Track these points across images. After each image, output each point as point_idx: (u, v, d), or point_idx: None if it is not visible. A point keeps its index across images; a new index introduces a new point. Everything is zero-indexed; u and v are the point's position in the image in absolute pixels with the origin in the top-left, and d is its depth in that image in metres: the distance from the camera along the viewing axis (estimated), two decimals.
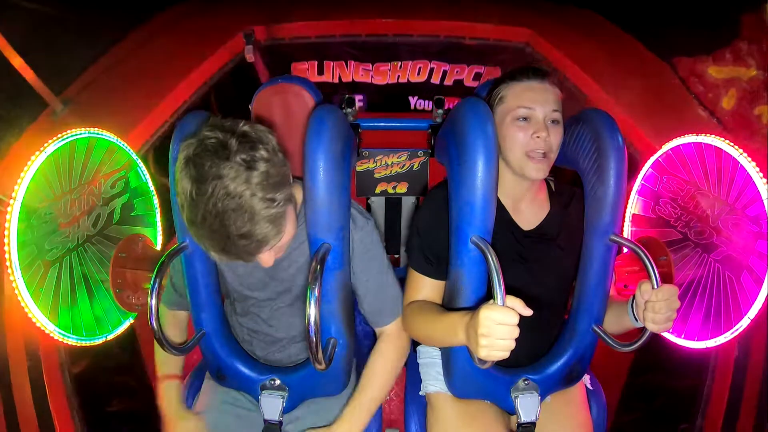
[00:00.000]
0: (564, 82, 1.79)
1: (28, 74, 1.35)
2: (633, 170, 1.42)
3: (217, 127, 0.78)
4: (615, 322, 1.06)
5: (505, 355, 0.78)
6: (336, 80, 2.33)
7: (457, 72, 2.32)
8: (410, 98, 2.45)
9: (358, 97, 2.35)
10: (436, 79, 2.34)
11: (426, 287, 1.06)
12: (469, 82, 2.35)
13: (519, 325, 0.77)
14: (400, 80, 2.35)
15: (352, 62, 2.30)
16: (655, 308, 0.90)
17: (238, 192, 0.75)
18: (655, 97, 1.60)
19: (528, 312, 0.78)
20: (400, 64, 2.30)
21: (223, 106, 2.00)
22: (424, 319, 1.00)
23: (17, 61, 1.31)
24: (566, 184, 1.18)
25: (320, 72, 2.31)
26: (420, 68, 2.33)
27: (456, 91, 2.33)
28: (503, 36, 2.24)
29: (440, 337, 0.97)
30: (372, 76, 2.33)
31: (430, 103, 2.31)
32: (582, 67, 1.76)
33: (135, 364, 1.57)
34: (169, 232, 1.53)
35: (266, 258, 0.88)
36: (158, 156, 1.63)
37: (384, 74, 2.33)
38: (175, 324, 1.20)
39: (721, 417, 1.27)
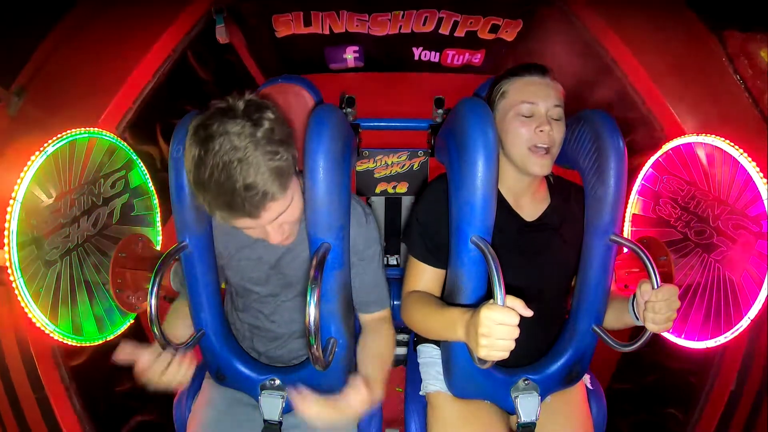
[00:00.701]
0: (593, 46, 1.51)
1: None
2: (633, 170, 1.42)
3: (225, 98, 0.84)
4: (616, 318, 1.06)
5: (505, 355, 0.78)
6: (326, 31, 1.90)
7: (470, 23, 1.88)
8: (414, 49, 2.07)
9: (353, 48, 2.01)
10: (445, 30, 1.92)
11: (426, 275, 1.06)
12: (484, 34, 1.92)
13: (519, 324, 0.77)
14: (402, 30, 1.92)
15: (345, 12, 1.85)
16: (655, 308, 0.90)
17: (243, 145, 0.79)
18: (695, 75, 1.35)
19: (528, 313, 0.78)
20: (402, 13, 1.86)
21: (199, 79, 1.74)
22: (423, 312, 1.00)
23: None
24: (565, 181, 1.18)
25: (307, 23, 1.87)
26: (426, 18, 1.89)
27: (469, 44, 1.97)
28: None
29: (438, 332, 0.97)
30: (369, 27, 1.90)
31: (437, 54, 2.04)
32: (617, 30, 1.46)
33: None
34: (169, 232, 1.53)
35: (273, 231, 0.89)
36: (135, 135, 1.50)
37: (383, 25, 1.90)
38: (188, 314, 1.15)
39: (719, 413, 1.26)
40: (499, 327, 0.76)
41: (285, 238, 0.95)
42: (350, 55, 2.03)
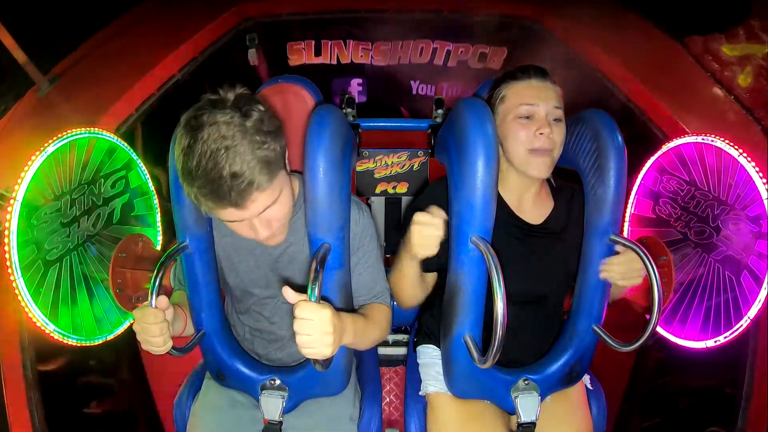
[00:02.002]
0: (577, 63, 1.67)
1: (18, 53, 1.33)
2: (633, 170, 1.42)
3: (217, 89, 0.85)
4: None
5: (432, 249, 0.95)
6: (334, 61, 2.17)
7: (461, 52, 2.16)
8: (412, 83, 2.31)
9: (357, 81, 2.24)
10: (439, 60, 2.19)
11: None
12: (474, 64, 2.20)
13: (519, 325, 0.78)
14: (401, 61, 2.19)
15: (351, 42, 2.14)
16: (613, 267, 0.99)
17: (231, 134, 0.80)
18: (672, 76, 1.54)
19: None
20: (401, 44, 2.14)
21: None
22: (393, 275, 1.11)
23: (8, 41, 1.30)
24: (566, 180, 1.18)
25: (317, 53, 2.15)
26: (422, 48, 2.17)
27: (460, 75, 2.21)
28: (510, 11, 2.04)
29: (403, 269, 1.06)
30: (372, 57, 2.17)
31: (433, 88, 2.22)
32: (596, 46, 1.65)
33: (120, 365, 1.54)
34: (169, 232, 1.52)
35: (260, 226, 0.89)
36: (146, 132, 1.61)
37: (384, 54, 2.16)
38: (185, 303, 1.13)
39: (766, 416, 1.21)
40: (425, 227, 0.92)
41: (273, 236, 0.93)
42: (355, 89, 2.27)
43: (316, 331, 0.80)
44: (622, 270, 1.00)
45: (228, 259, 1.08)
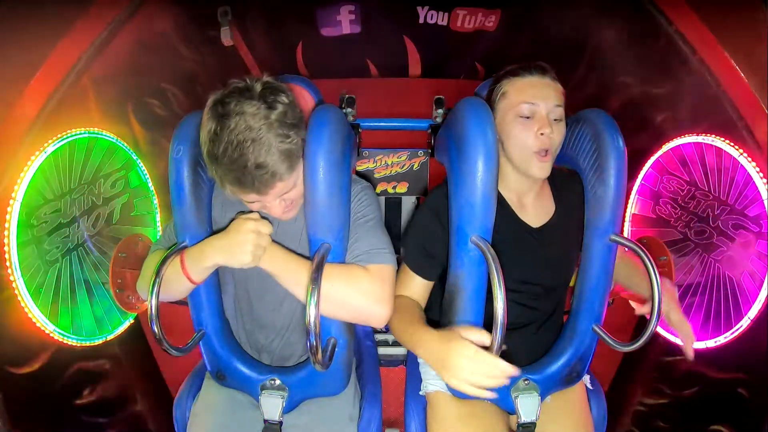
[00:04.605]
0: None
1: None
2: (633, 170, 1.41)
3: (244, 77, 0.89)
4: (627, 275, 1.13)
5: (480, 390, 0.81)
6: None
7: None
8: (419, 10, 1.81)
9: (348, 8, 1.74)
10: None
11: (414, 284, 1.07)
12: None
13: (519, 324, 0.77)
14: None
15: None
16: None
17: (258, 126, 0.84)
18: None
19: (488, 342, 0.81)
20: None
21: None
22: (401, 320, 0.99)
23: None
24: (567, 178, 1.17)
25: None
26: None
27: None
28: None
29: (410, 346, 0.96)
30: None
31: (446, 15, 1.79)
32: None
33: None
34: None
35: (276, 206, 0.93)
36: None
37: None
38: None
39: None
40: (475, 377, 0.79)
41: (286, 212, 0.97)
42: (345, 17, 1.79)
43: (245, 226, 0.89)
44: None
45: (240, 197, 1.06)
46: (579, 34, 1.63)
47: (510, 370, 0.78)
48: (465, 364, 0.80)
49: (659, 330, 1.27)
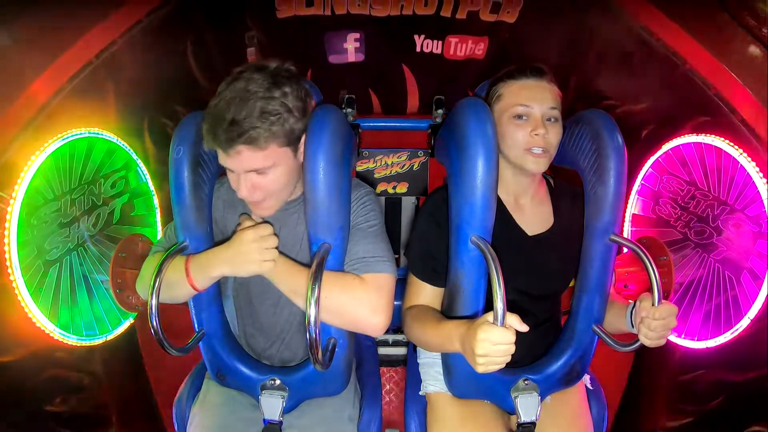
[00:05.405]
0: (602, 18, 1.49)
1: None
2: (633, 170, 1.41)
3: (267, 58, 0.94)
4: (611, 322, 1.06)
5: (502, 365, 0.81)
6: (328, 12, 1.86)
7: (472, 1, 1.84)
8: (416, 38, 1.97)
9: (354, 36, 1.94)
10: (446, 11, 1.86)
11: (425, 293, 1.06)
12: (485, 16, 1.85)
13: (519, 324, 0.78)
14: (404, 12, 1.87)
15: None
16: (651, 326, 0.91)
17: (254, 90, 0.87)
18: (701, 29, 1.27)
19: (525, 328, 0.80)
20: None
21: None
22: (422, 326, 1.00)
23: None
24: (566, 182, 1.18)
25: (309, 3, 1.85)
26: None
27: (471, 29, 1.90)
28: None
29: (437, 346, 0.99)
30: (371, 6, 1.86)
31: (440, 43, 1.93)
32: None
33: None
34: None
35: (242, 183, 0.91)
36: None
37: (385, 4, 1.85)
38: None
39: None
40: (496, 347, 0.78)
41: (257, 204, 0.96)
42: (351, 45, 1.97)
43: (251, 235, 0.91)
44: (660, 328, 0.91)
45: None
46: (564, 60, 1.68)
47: (521, 327, 0.80)
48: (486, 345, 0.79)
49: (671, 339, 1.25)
